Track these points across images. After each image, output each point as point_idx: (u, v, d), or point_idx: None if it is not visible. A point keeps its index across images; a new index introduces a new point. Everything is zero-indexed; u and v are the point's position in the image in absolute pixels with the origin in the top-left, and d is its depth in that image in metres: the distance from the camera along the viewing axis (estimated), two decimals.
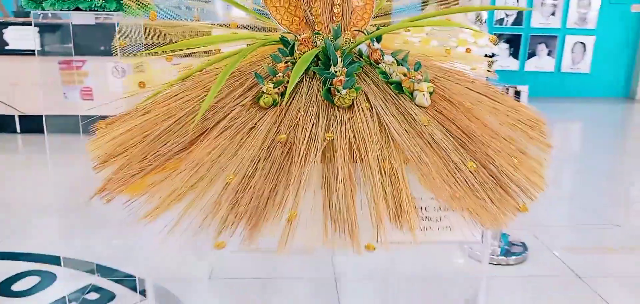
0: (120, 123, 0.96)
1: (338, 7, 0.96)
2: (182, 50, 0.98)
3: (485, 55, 3.03)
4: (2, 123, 4.51)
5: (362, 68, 0.92)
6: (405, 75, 0.90)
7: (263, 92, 0.87)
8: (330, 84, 0.86)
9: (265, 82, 0.88)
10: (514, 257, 2.29)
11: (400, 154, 0.79)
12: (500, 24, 7.25)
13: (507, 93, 3.11)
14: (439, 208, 0.82)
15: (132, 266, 2.13)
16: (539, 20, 7.30)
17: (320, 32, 0.96)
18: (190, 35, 1.06)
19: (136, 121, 0.94)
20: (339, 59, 0.89)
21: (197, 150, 0.81)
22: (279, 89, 0.88)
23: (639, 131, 5.70)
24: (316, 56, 0.92)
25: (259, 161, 0.77)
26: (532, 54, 7.36)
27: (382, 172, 0.76)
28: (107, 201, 0.80)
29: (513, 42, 7.27)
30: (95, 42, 4.19)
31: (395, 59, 0.92)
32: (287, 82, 0.88)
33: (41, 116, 3.59)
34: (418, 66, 0.91)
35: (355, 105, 0.85)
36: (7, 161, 4.04)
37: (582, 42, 7.24)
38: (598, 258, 2.33)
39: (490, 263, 2.24)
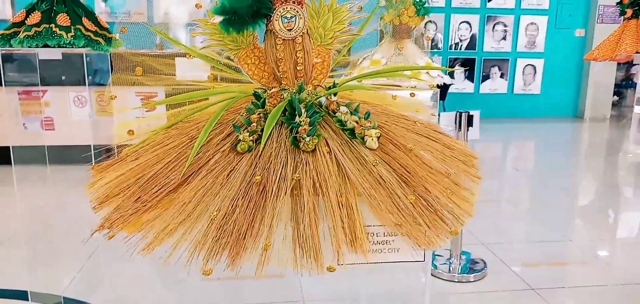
0: (113, 168, 1.10)
1: (301, 65, 1.14)
2: (176, 103, 1.13)
3: (438, 85, 3.28)
4: None
5: (322, 117, 1.10)
6: (357, 122, 1.08)
7: (240, 139, 1.03)
8: (296, 132, 1.04)
9: (242, 131, 1.04)
10: (474, 274, 2.48)
11: (355, 190, 0.97)
12: (455, 49, 7.63)
13: (460, 118, 3.38)
14: (387, 234, 0.99)
15: (100, 297, 2.19)
16: (491, 45, 7.72)
17: (287, 87, 1.14)
18: (157, 62, 1.20)
19: (128, 166, 1.08)
20: (303, 111, 1.06)
21: (185, 191, 0.96)
22: (253, 136, 1.04)
23: (588, 148, 6.10)
24: (284, 108, 1.09)
25: (238, 199, 0.93)
26: (486, 77, 7.75)
27: (340, 205, 0.94)
28: (109, 238, 0.94)
29: (467, 66, 7.65)
30: (57, 73, 4.24)
31: (349, 110, 1.10)
32: (261, 130, 1.05)
33: (7, 146, 3.59)
34: (367, 115, 1.09)
35: (317, 149, 1.03)
36: None
37: (532, 65, 7.70)
38: (552, 271, 2.54)
39: (452, 281, 2.42)
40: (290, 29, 1.12)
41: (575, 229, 3.28)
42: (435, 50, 7.45)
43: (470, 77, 7.72)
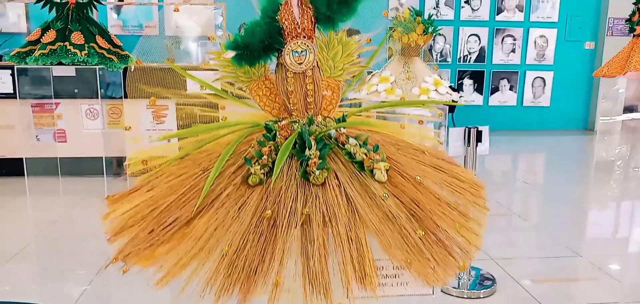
0: (127, 199, 1.13)
1: (310, 97, 1.17)
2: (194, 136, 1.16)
3: (448, 109, 3.29)
4: None
5: (332, 149, 1.12)
6: (366, 154, 1.10)
7: (251, 172, 1.06)
8: (307, 165, 1.06)
9: (253, 165, 1.06)
10: (483, 290, 2.47)
11: (364, 224, 0.98)
12: (464, 61, 7.62)
13: (469, 133, 3.38)
14: (396, 268, 1.01)
15: None
16: (500, 57, 7.70)
17: (297, 120, 1.16)
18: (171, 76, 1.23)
19: (142, 197, 1.10)
20: (313, 144, 1.08)
21: (198, 225, 0.99)
22: (264, 169, 1.06)
23: (598, 161, 6.05)
24: (294, 140, 1.11)
25: (249, 234, 0.96)
26: (495, 89, 7.73)
27: (350, 240, 0.95)
28: (124, 272, 0.96)
29: (477, 78, 7.64)
30: (70, 87, 4.31)
31: (358, 142, 1.12)
32: (272, 163, 1.07)
33: (21, 158, 3.66)
34: (376, 148, 1.11)
35: (326, 182, 1.04)
36: None
37: (541, 77, 7.67)
38: (562, 287, 2.53)
39: (461, 297, 2.42)
40: (301, 63, 1.14)
41: (585, 244, 3.26)
42: (444, 63, 7.46)
43: (479, 89, 7.70)
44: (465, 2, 7.36)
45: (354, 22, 1.19)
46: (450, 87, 3.95)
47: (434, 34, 3.23)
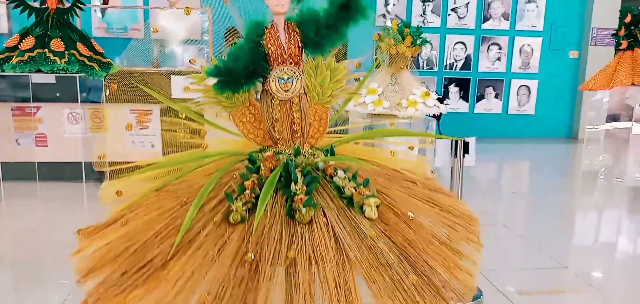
0: (100, 234, 1.05)
1: (297, 125, 1.11)
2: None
3: (433, 116, 3.26)
4: None
5: (319, 183, 1.06)
6: (355, 189, 1.04)
7: (232, 210, 0.99)
8: (292, 201, 0.99)
9: (235, 201, 1.00)
10: (471, 303, 2.44)
11: (353, 268, 0.92)
12: (450, 69, 7.65)
13: (456, 145, 3.34)
14: None
15: None
16: (485, 65, 7.75)
17: (282, 150, 1.10)
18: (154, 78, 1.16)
19: (117, 233, 1.03)
20: (299, 177, 1.02)
21: (174, 269, 0.91)
22: (246, 206, 1.00)
23: (584, 171, 6.08)
24: (279, 173, 1.05)
25: (229, 280, 0.89)
26: (481, 97, 7.78)
27: (337, 286, 0.89)
28: None
29: (463, 86, 7.68)
30: (52, 90, 4.20)
31: (347, 175, 1.06)
32: (255, 198, 1.01)
33: None
34: (366, 182, 1.05)
35: (313, 221, 0.98)
36: None
37: (526, 86, 7.73)
38: (548, 299, 2.50)
39: None
40: (287, 90, 1.08)
41: (571, 255, 3.25)
42: (431, 70, 7.47)
43: (465, 97, 7.73)
44: (451, 10, 7.39)
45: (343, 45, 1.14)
46: (436, 93, 3.91)
47: (423, 44, 3.20)
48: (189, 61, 1.17)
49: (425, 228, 1.04)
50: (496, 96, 7.74)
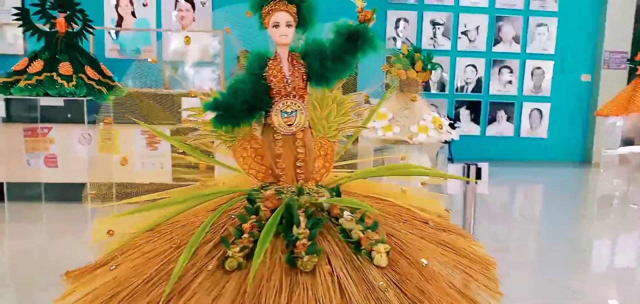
0: (88, 277, 0.98)
1: (301, 161, 1.03)
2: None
3: (445, 142, 3.17)
4: None
5: (324, 225, 0.97)
6: (363, 233, 0.95)
7: (229, 255, 0.91)
8: (294, 247, 0.91)
9: (231, 247, 0.92)
10: None
11: None
12: (461, 91, 7.59)
13: (468, 170, 3.25)
14: None
15: None
16: (496, 88, 7.68)
17: (284, 189, 1.02)
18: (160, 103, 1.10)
19: (105, 277, 0.95)
20: (302, 220, 0.94)
21: None
22: (243, 252, 0.92)
23: (597, 195, 5.92)
24: (281, 216, 0.97)
25: None
26: (492, 120, 7.69)
27: None
28: None
29: (474, 108, 7.60)
30: (62, 111, 4.18)
31: (354, 217, 0.98)
32: (253, 243, 0.93)
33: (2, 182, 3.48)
34: (375, 225, 0.97)
35: (317, 269, 0.90)
36: None
37: (538, 109, 7.64)
38: None
39: None
40: (291, 125, 1.01)
41: (584, 285, 3.11)
42: (442, 93, 7.41)
43: (476, 119, 7.65)
44: (462, 33, 7.36)
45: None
46: (447, 117, 3.84)
47: (434, 69, 3.14)
48: (188, 93, 1.11)
49: (439, 275, 0.95)
50: (508, 119, 7.65)
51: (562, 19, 7.85)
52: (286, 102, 1.00)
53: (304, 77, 1.01)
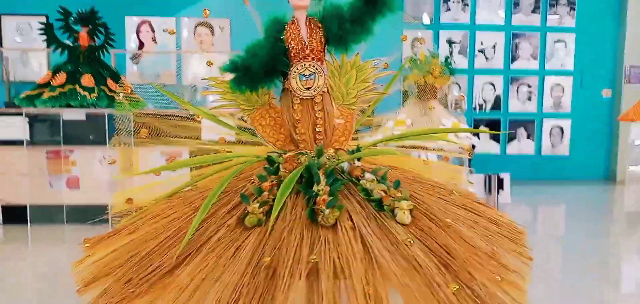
0: (106, 242, 0.96)
1: (320, 126, 1.01)
2: (174, 144, 1.01)
3: (472, 147, 3.13)
4: None
5: (345, 185, 0.95)
6: (385, 192, 0.92)
7: (248, 212, 0.89)
8: (314, 204, 0.89)
9: (251, 203, 0.90)
10: None
11: (385, 277, 0.80)
12: (480, 110, 7.52)
13: (490, 181, 3.18)
14: None
15: None
16: (516, 105, 7.60)
17: (304, 152, 1.00)
18: (179, 124, 1.10)
19: (123, 240, 0.94)
20: (322, 178, 0.92)
21: (182, 275, 0.81)
22: (263, 208, 0.90)
23: (622, 213, 5.74)
24: (300, 174, 0.95)
25: (242, 286, 0.78)
26: (512, 138, 7.58)
27: (367, 296, 0.77)
28: None
29: (493, 127, 7.50)
30: (85, 133, 4.27)
31: (376, 177, 0.95)
32: (273, 201, 0.91)
33: (26, 205, 3.53)
34: (397, 184, 0.94)
35: (338, 224, 0.87)
36: None
37: (559, 126, 7.51)
38: None
39: None
40: (309, 88, 1.00)
41: (613, 300, 2.98)
42: (459, 111, 7.36)
43: (495, 138, 7.55)
44: (479, 51, 7.34)
45: (369, 44, 1.05)
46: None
47: (451, 79, 3.12)
48: (206, 63, 1.11)
49: (465, 236, 0.91)
50: (528, 137, 7.53)
51: (581, 35, 7.77)
52: (304, 65, 0.99)
53: (322, 40, 1.01)
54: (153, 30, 6.63)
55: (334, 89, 1.07)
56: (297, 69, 0.99)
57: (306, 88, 0.99)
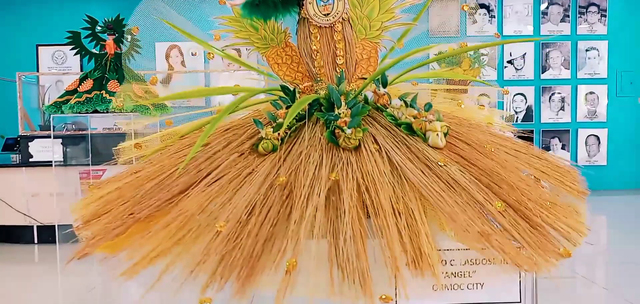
0: (110, 181, 0.89)
1: (341, 58, 0.92)
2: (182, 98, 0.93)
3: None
4: (21, 234, 4.47)
5: (369, 113, 0.85)
6: (415, 117, 0.82)
7: (262, 137, 0.80)
8: (335, 126, 0.79)
9: (265, 127, 0.81)
10: None
11: (417, 193, 0.69)
12: (511, 121, 7.29)
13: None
14: (467, 261, 0.69)
15: None
16: (548, 116, 7.35)
17: (322, 80, 0.91)
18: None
19: (126, 179, 0.86)
20: (343, 102, 0.82)
21: (186, 199, 0.72)
22: (279, 133, 0.80)
23: None
24: (319, 103, 0.85)
25: (254, 206, 0.68)
26: (546, 149, 7.30)
27: (397, 214, 0.66)
28: (79, 257, 0.70)
29: (525, 138, 7.24)
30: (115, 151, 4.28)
31: (404, 101, 0.84)
32: (289, 128, 0.81)
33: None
34: (429, 106, 0.83)
35: (362, 146, 0.77)
36: (21, 272, 3.91)
37: (595, 135, 7.22)
38: None
39: None
40: (328, 14, 0.91)
41: None
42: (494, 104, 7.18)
43: None
44: (508, 61, 7.17)
45: None
46: None
47: (482, 67, 3.00)
48: (219, 1, 1.03)
49: (510, 165, 0.79)
50: (562, 147, 7.25)
51: (613, 42, 7.55)
52: None
53: None
54: (182, 54, 6.74)
55: (356, 21, 0.98)
56: None
57: (324, 14, 0.90)
